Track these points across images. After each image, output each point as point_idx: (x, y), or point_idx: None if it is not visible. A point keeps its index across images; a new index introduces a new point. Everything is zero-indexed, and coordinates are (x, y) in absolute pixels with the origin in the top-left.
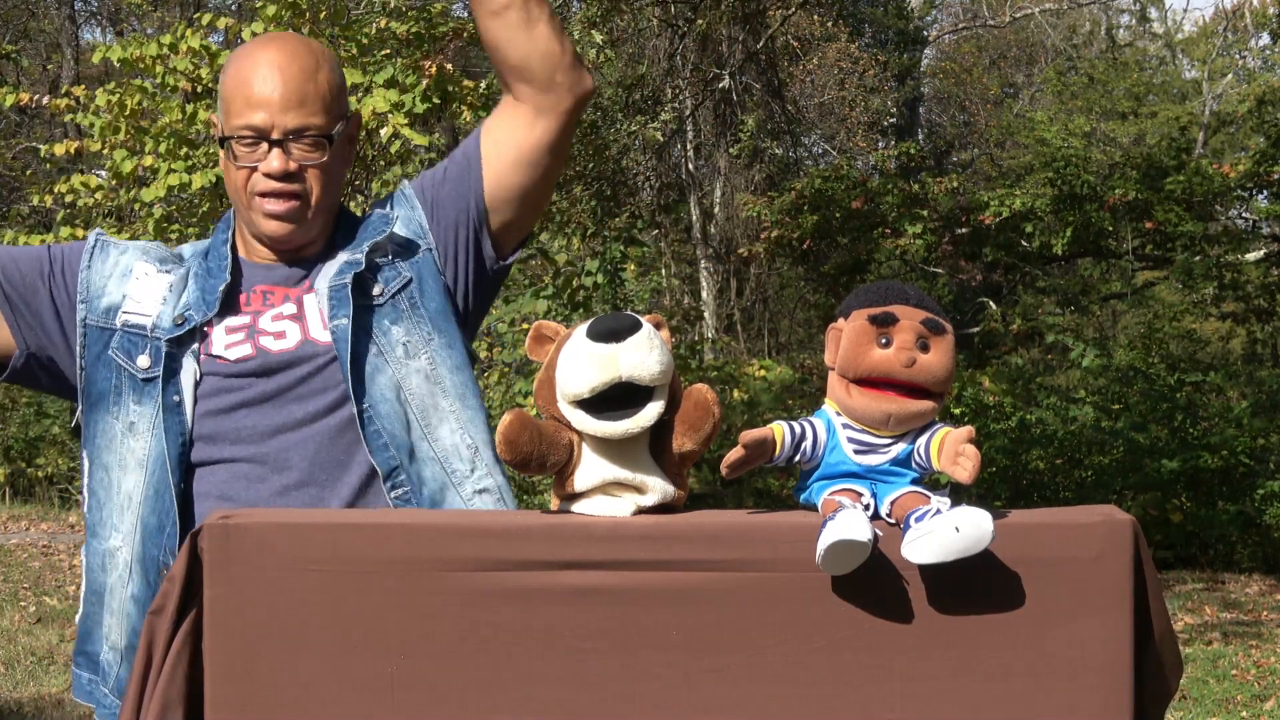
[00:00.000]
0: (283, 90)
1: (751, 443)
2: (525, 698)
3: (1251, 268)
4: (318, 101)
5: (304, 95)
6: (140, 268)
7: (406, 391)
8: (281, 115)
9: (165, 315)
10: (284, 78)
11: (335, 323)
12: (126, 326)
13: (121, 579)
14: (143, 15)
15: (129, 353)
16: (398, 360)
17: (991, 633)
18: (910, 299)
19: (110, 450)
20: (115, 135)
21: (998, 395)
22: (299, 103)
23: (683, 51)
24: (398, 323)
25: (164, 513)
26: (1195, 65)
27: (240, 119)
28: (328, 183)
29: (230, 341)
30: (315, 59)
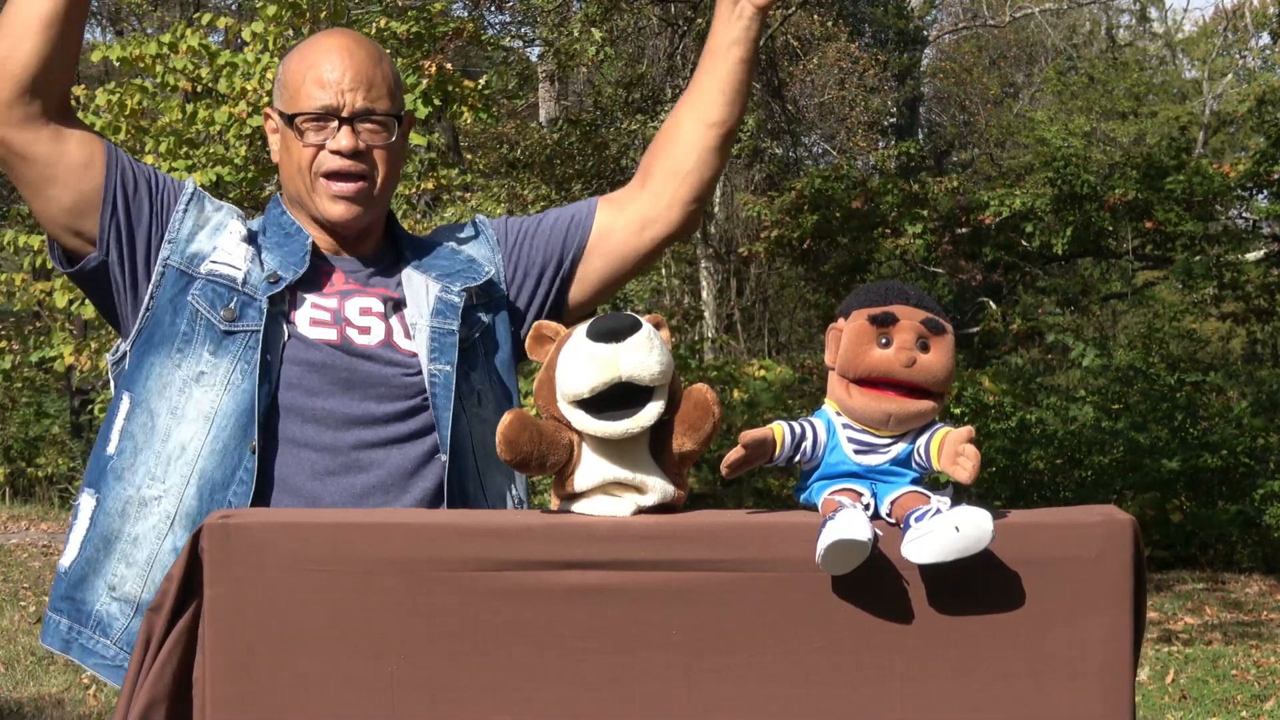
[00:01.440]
0: (352, 72)
1: (751, 443)
2: (525, 697)
3: (1251, 268)
4: (384, 85)
5: (371, 79)
6: (234, 225)
7: (475, 439)
8: (351, 94)
9: (255, 273)
10: (353, 60)
11: (438, 368)
12: (212, 276)
13: (157, 530)
14: (143, 15)
15: (212, 303)
16: (473, 409)
17: (991, 633)
18: (910, 299)
19: (163, 396)
20: (115, 135)
21: (998, 395)
22: (368, 85)
23: (683, 51)
24: (475, 369)
25: (231, 469)
26: (1195, 65)
27: (309, 100)
28: (391, 167)
29: (316, 318)
30: (378, 50)
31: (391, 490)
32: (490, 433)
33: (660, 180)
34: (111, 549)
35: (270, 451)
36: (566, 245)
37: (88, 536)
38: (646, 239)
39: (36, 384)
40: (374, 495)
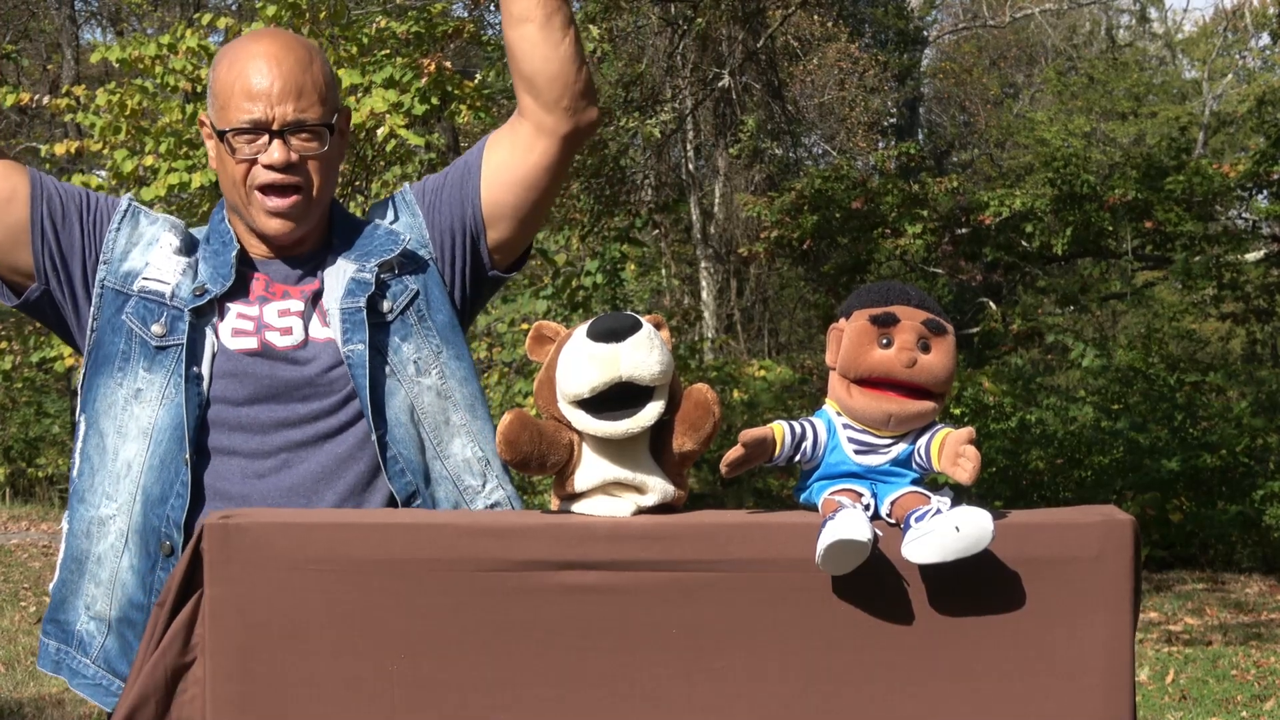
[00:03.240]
0: (280, 83)
1: (751, 442)
2: (525, 697)
3: (1251, 268)
4: (314, 93)
5: (301, 87)
6: (166, 239)
7: (419, 411)
8: (281, 107)
9: (184, 286)
10: (280, 70)
11: (351, 348)
12: (143, 293)
13: (114, 548)
14: (143, 15)
15: (144, 319)
16: (410, 379)
17: (992, 632)
18: (911, 299)
19: (109, 416)
20: (115, 135)
21: (998, 395)
22: (297, 94)
23: (682, 50)
24: (408, 339)
25: (168, 483)
26: (1195, 65)
27: (239, 112)
28: (327, 174)
29: (238, 328)
30: (308, 52)
31: (323, 480)
32: (440, 399)
33: (523, 97)
34: (83, 569)
35: (204, 463)
36: (466, 192)
37: (64, 559)
38: (538, 154)
39: (36, 384)
40: (304, 487)
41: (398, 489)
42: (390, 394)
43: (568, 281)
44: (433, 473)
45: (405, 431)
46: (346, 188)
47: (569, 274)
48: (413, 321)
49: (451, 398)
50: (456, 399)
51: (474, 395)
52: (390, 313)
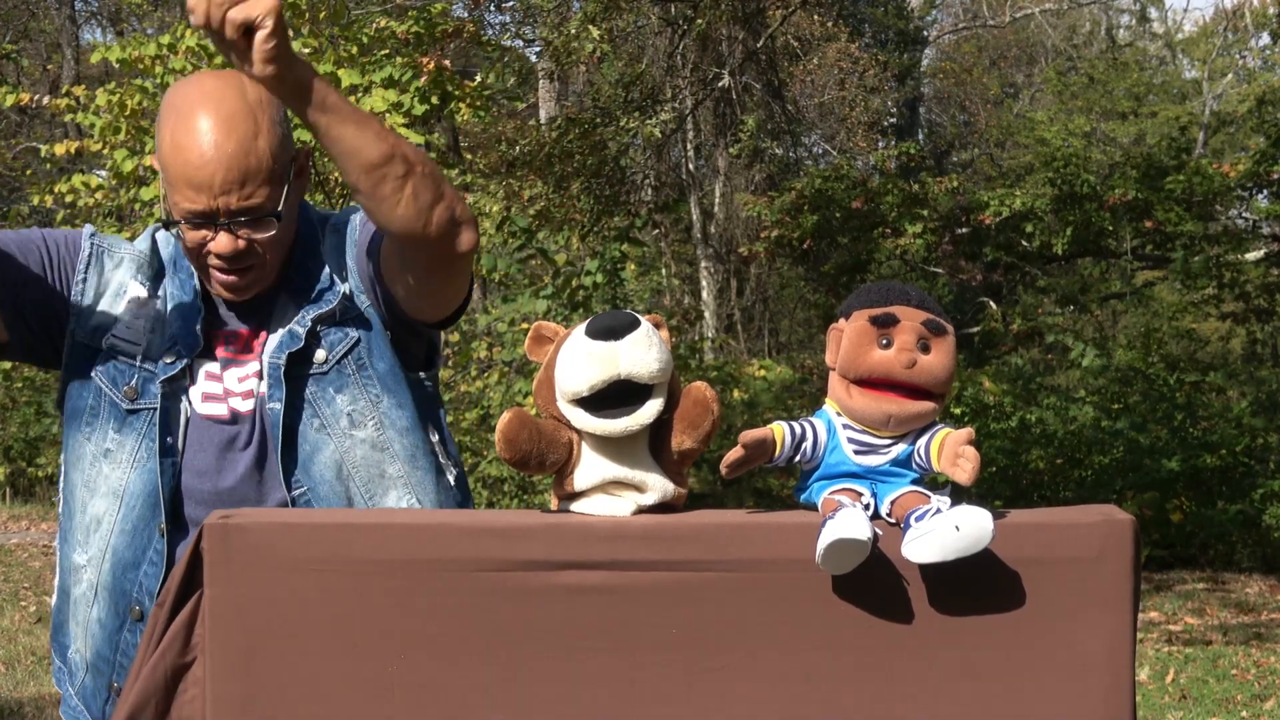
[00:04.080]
0: (224, 172)
1: (751, 443)
2: (525, 697)
3: (1251, 267)
4: (260, 175)
5: (245, 173)
6: (133, 288)
7: (349, 466)
8: (225, 197)
9: (155, 346)
10: (221, 154)
11: (270, 405)
12: (115, 350)
13: (86, 597)
14: (143, 15)
15: (114, 380)
16: (341, 432)
17: (991, 632)
18: (911, 299)
19: (78, 469)
20: (115, 135)
21: (998, 395)
22: (240, 183)
23: (682, 50)
24: (343, 390)
25: (140, 549)
26: (1195, 65)
27: (184, 202)
28: (280, 244)
29: (208, 392)
30: (254, 120)
31: None
32: (375, 452)
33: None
34: (67, 603)
35: (178, 533)
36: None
37: (58, 584)
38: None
39: (36, 384)
40: None
41: None
42: (318, 449)
43: (568, 281)
44: None
45: (330, 489)
46: (346, 188)
47: (569, 274)
48: (350, 371)
49: (389, 449)
50: (395, 450)
51: (415, 445)
52: (326, 363)
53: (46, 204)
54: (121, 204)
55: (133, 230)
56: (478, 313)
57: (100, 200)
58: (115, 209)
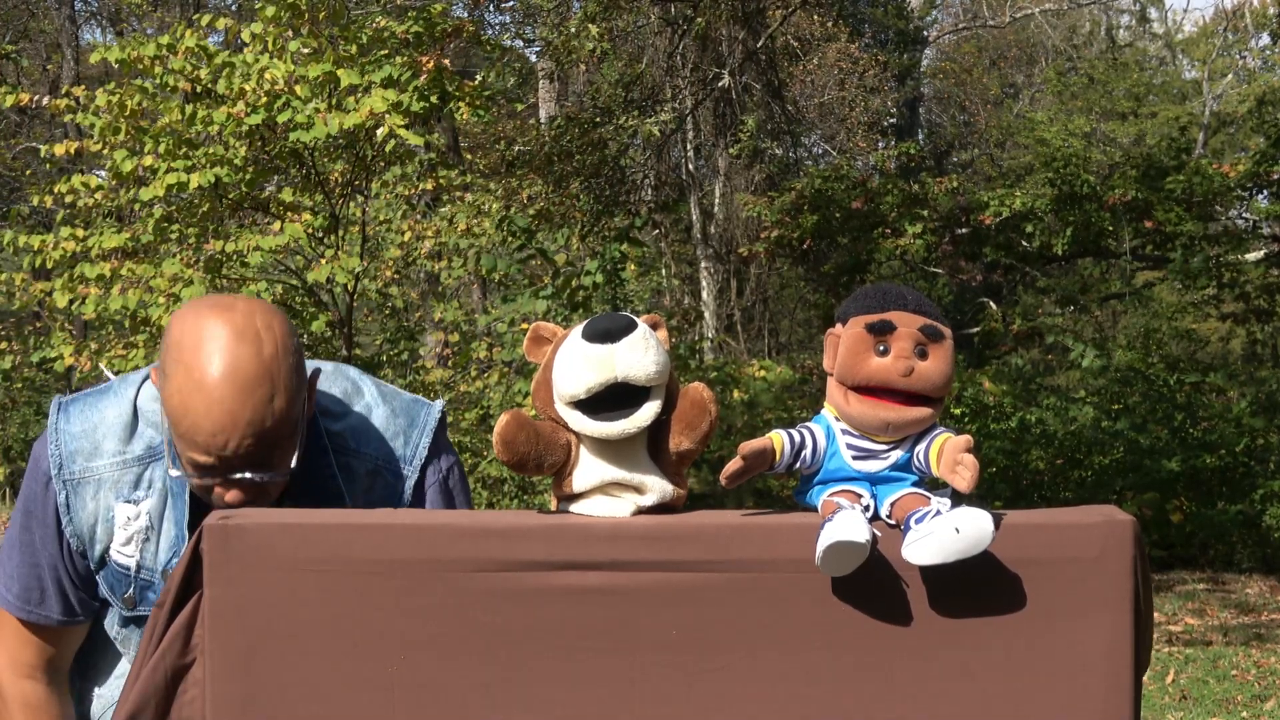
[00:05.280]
0: (237, 442)
1: (750, 453)
2: (525, 698)
3: (1251, 268)
4: (277, 441)
5: (260, 441)
6: (120, 511)
7: None
8: (240, 465)
9: (149, 554)
10: (236, 423)
11: None
12: (114, 564)
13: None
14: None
15: (113, 588)
16: None
17: (992, 633)
18: (909, 304)
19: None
20: (115, 135)
21: (998, 396)
22: (254, 450)
23: (682, 50)
24: None
25: None
26: (1195, 65)
27: (194, 460)
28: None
29: None
30: (270, 381)
31: None
32: None
33: None
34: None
35: None
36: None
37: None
38: None
39: (36, 384)
40: None
41: None
42: None
43: (567, 281)
44: None
45: None
46: (346, 188)
47: (569, 274)
48: None
49: None
50: None
51: None
52: None
53: (46, 204)
54: (121, 204)
55: (132, 230)
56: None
57: (100, 200)
58: (115, 209)
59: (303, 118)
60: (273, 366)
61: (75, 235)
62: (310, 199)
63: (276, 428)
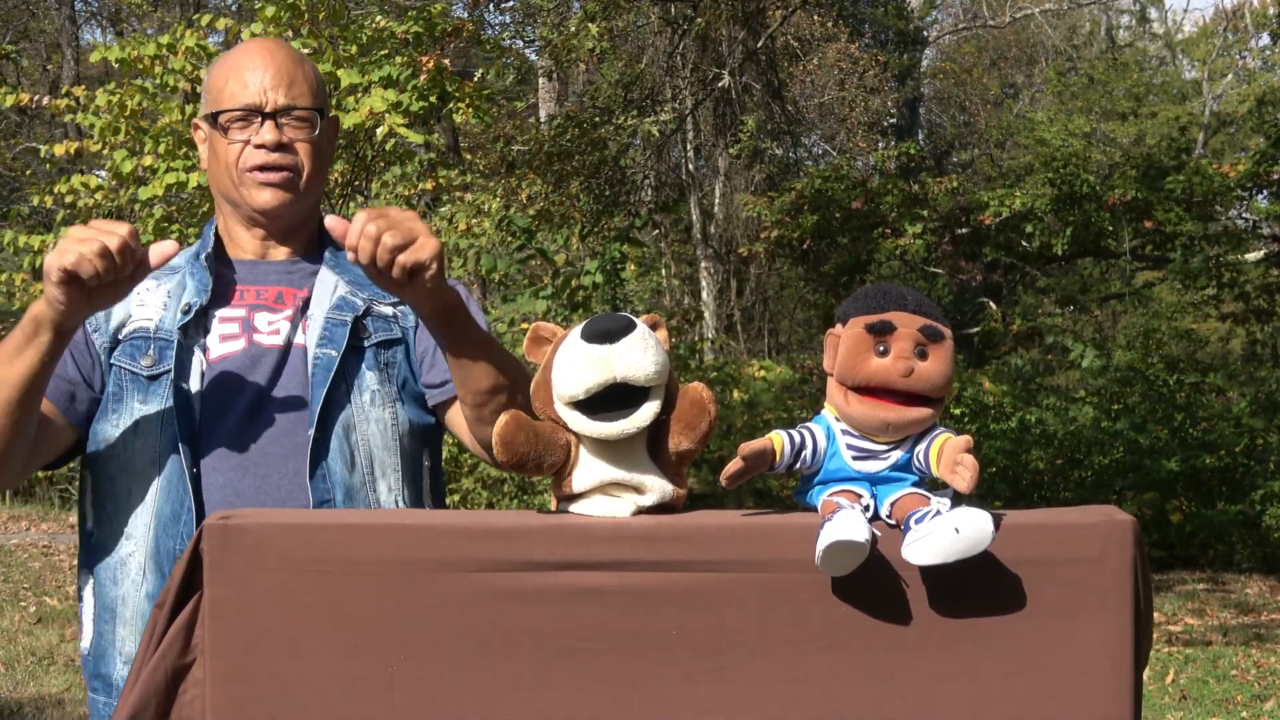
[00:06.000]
0: (274, 71)
1: (750, 454)
2: (525, 698)
3: (1251, 268)
4: (304, 83)
5: (293, 77)
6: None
7: (359, 435)
8: (273, 92)
9: (169, 316)
10: (273, 60)
11: (322, 351)
12: (131, 335)
13: (135, 584)
14: (143, 15)
15: (132, 355)
16: (362, 404)
17: (991, 633)
18: (908, 304)
19: (114, 457)
20: (115, 135)
21: (998, 396)
22: (289, 83)
23: (682, 50)
24: (372, 370)
25: (178, 501)
26: (1195, 65)
27: (232, 98)
28: (317, 162)
29: (225, 333)
30: (299, 55)
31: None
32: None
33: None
34: (113, 616)
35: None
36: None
37: (95, 612)
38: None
39: None
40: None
41: (315, 492)
42: (337, 405)
43: (567, 281)
44: (354, 491)
45: (339, 444)
46: (346, 187)
47: (569, 274)
48: (384, 361)
49: (397, 442)
50: (402, 445)
51: (412, 453)
52: (368, 340)
53: (46, 204)
54: (121, 204)
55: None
56: None
57: (100, 200)
58: (115, 209)
59: None
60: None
61: None
62: None
63: (304, 74)
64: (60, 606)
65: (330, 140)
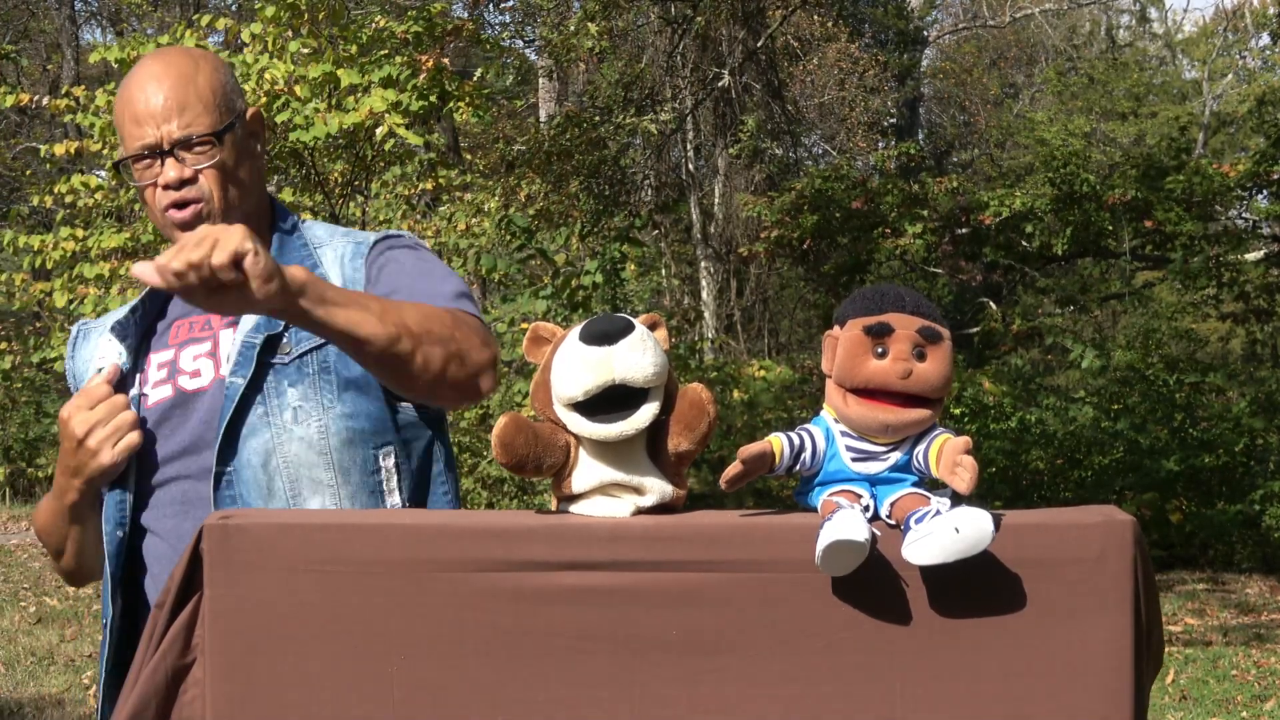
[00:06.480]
0: (162, 102)
1: (749, 457)
2: (525, 698)
3: (1251, 268)
4: (199, 104)
5: (184, 101)
6: (104, 343)
7: (280, 458)
8: (166, 126)
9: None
10: (162, 88)
11: (232, 379)
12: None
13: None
14: (143, 15)
15: None
16: (281, 425)
17: (991, 633)
18: (907, 305)
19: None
20: (115, 135)
21: (997, 396)
22: (180, 109)
23: (682, 50)
24: (297, 385)
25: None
26: (1195, 65)
27: (130, 140)
28: (226, 182)
29: (157, 379)
30: (193, 64)
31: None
32: (310, 453)
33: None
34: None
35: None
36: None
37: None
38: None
39: (36, 384)
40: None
41: None
42: (253, 433)
43: (567, 281)
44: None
45: (254, 475)
46: (346, 187)
47: (569, 274)
48: (311, 370)
49: (326, 455)
50: (332, 458)
51: (354, 461)
52: (287, 355)
53: (46, 204)
54: (121, 204)
55: (132, 230)
56: None
57: (100, 200)
58: (115, 209)
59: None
60: (197, 57)
61: (75, 235)
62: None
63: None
64: (60, 606)
65: (254, 136)
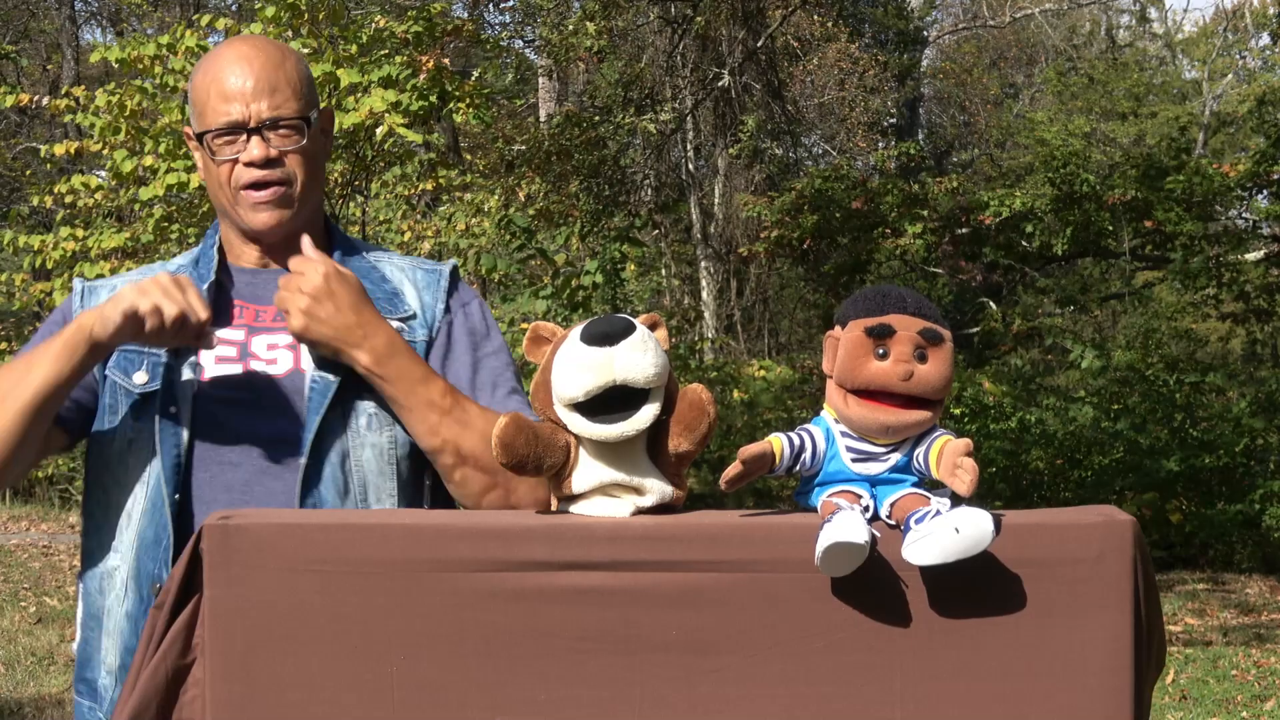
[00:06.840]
0: (254, 81)
1: (750, 458)
2: (525, 698)
3: (1251, 268)
4: (288, 89)
5: (275, 84)
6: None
7: (353, 461)
8: (256, 104)
9: None
10: (253, 69)
11: (319, 374)
12: (126, 346)
13: (119, 598)
14: (143, 15)
15: (125, 370)
16: (356, 429)
17: (991, 633)
18: (908, 306)
19: (108, 469)
20: (115, 136)
21: (997, 396)
22: (270, 91)
23: (682, 50)
24: (371, 393)
25: (160, 525)
26: (1195, 65)
27: (215, 115)
28: (310, 169)
29: (221, 355)
30: (281, 51)
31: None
32: (379, 460)
33: None
34: (99, 624)
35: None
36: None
37: (83, 618)
38: None
39: None
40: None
41: None
42: (332, 431)
43: (567, 281)
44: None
45: (332, 472)
46: (346, 187)
47: (569, 274)
48: None
49: (393, 465)
50: (399, 468)
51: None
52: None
53: (46, 204)
54: (121, 204)
55: (132, 230)
56: None
57: (100, 201)
58: (115, 209)
59: None
60: (283, 46)
61: (75, 235)
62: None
63: (288, 78)
64: (60, 606)
65: (325, 134)
